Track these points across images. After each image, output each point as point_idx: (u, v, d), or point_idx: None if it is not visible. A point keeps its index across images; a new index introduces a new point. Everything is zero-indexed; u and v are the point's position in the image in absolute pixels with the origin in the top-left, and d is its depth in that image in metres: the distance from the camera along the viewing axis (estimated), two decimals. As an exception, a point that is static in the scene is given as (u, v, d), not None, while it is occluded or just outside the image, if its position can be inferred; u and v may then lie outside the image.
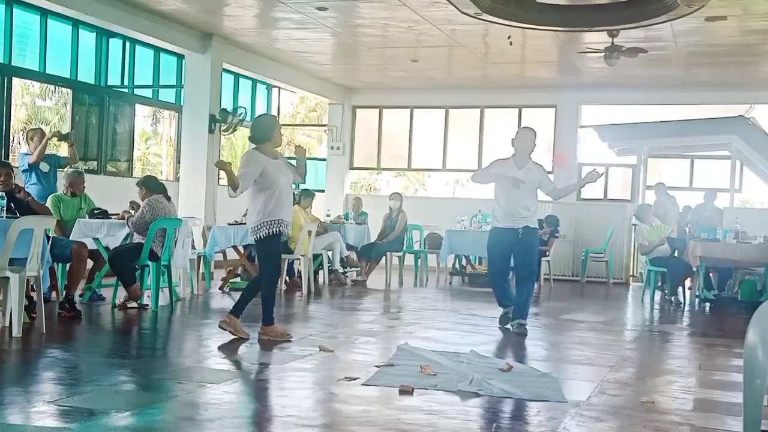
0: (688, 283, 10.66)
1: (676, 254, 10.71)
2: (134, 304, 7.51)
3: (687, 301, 10.29)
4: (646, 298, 10.46)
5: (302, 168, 6.32)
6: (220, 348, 5.78)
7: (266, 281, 6.13)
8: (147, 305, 7.54)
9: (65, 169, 8.77)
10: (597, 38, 10.58)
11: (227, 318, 6.16)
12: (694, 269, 10.00)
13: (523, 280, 7.20)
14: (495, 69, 13.17)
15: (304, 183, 6.53)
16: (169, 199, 7.82)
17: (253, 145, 6.24)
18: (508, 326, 7.17)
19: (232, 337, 6.06)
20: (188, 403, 4.09)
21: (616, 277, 13.18)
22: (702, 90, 13.62)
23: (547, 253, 11.72)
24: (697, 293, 10.16)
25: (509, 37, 10.31)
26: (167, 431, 3.59)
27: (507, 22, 9.33)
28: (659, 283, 10.83)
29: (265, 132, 6.09)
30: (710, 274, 10.46)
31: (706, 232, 10.15)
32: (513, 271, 7.51)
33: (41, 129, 9.38)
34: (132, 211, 7.99)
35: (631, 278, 13.61)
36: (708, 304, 10.06)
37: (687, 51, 11.30)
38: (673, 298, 10.11)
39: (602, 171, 6.88)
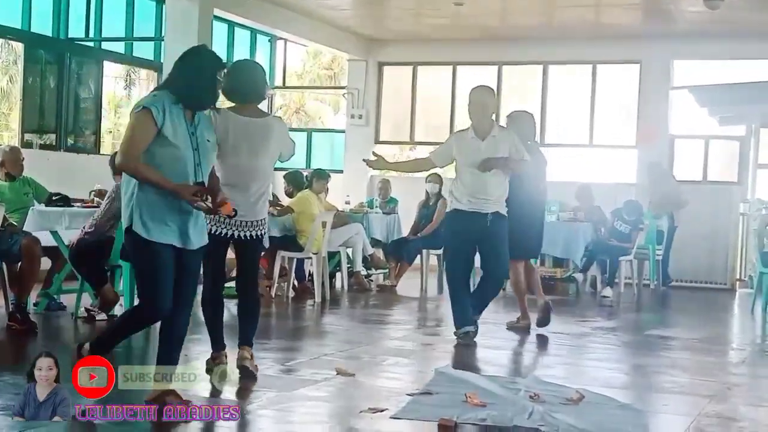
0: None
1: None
2: (103, 316, 7.50)
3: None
4: (758, 308, 10.34)
5: None
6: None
7: None
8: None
9: None
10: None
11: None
12: None
13: (494, 282, 7.46)
14: (562, 14, 13.09)
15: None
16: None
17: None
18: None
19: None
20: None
21: (719, 281, 13.05)
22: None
23: (630, 251, 11.60)
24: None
25: None
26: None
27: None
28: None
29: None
30: None
31: None
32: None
33: None
34: (98, 198, 8.00)
35: (738, 282, 13.47)
36: None
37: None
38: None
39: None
